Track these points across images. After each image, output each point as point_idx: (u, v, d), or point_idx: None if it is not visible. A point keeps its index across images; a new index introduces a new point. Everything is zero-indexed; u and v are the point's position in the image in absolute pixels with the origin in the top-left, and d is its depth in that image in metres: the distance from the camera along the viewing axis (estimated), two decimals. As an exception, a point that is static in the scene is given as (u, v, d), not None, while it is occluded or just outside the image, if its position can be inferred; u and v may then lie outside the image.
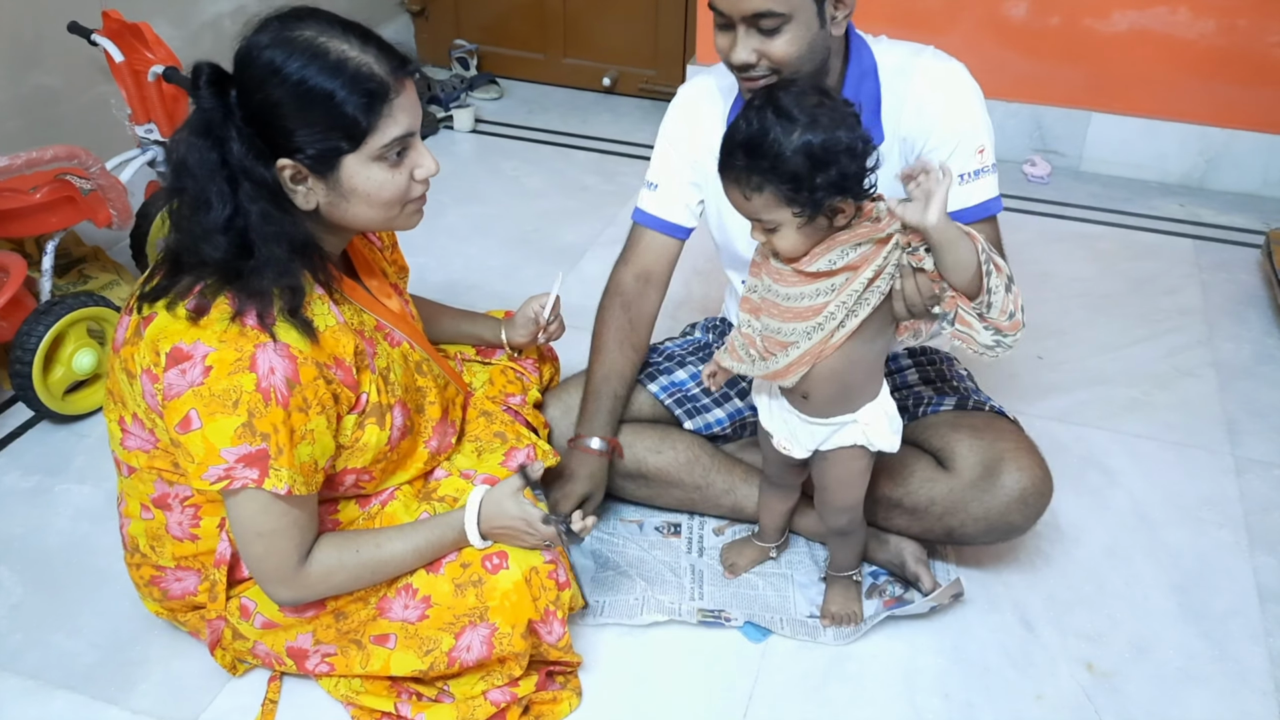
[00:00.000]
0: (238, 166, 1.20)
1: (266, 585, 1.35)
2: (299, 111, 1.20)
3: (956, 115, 1.52)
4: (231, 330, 1.21)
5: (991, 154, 1.54)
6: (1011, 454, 1.57)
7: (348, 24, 1.25)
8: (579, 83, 3.63)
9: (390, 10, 3.66)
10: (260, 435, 1.22)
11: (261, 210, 1.22)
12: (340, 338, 1.30)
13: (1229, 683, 1.56)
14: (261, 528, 1.29)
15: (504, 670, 1.42)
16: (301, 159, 1.22)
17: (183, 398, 1.22)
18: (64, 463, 1.94)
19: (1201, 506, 1.89)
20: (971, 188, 1.53)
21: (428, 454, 1.48)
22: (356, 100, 1.20)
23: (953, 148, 1.52)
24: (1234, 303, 2.50)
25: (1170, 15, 2.85)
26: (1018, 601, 1.68)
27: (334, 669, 1.44)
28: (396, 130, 1.24)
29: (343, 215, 1.29)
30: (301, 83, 1.19)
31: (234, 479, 1.23)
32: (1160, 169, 3.05)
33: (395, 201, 1.29)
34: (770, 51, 1.42)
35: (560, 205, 2.90)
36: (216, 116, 1.20)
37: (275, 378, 1.22)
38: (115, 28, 2.16)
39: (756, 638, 1.62)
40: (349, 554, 1.37)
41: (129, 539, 1.47)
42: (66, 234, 2.12)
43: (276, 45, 1.20)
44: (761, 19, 1.39)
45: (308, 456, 1.27)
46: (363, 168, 1.24)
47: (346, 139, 1.22)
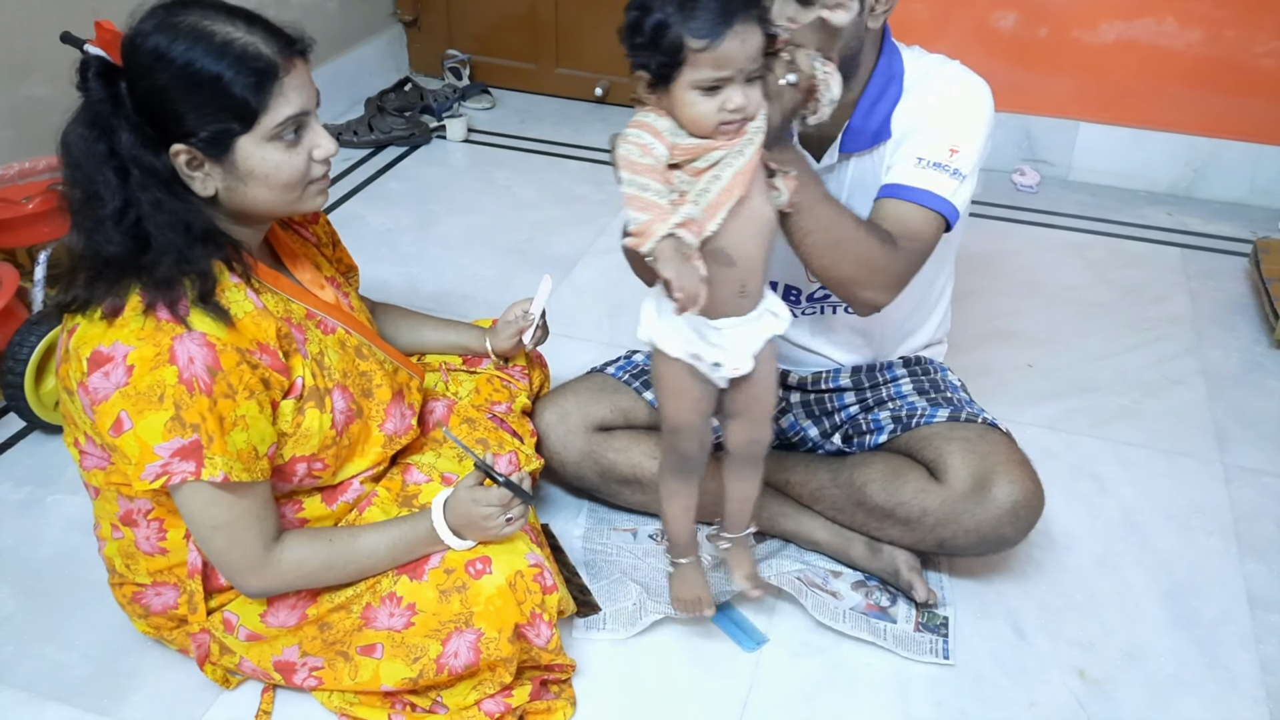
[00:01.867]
0: (127, 156, 1.21)
1: (235, 578, 1.35)
2: (187, 95, 1.20)
3: (947, 112, 1.52)
4: (148, 326, 1.21)
5: (965, 161, 1.48)
6: (1004, 467, 1.58)
7: (233, 8, 1.25)
8: (571, 93, 3.63)
9: (383, 20, 3.67)
10: (190, 426, 1.22)
11: (153, 199, 1.22)
12: (260, 322, 1.30)
13: (1220, 690, 1.57)
14: (215, 520, 1.29)
15: (494, 678, 1.41)
16: (194, 143, 1.22)
17: (110, 400, 1.22)
18: (56, 474, 1.94)
19: (1192, 514, 1.90)
20: (924, 172, 1.48)
21: (384, 437, 1.47)
22: (244, 80, 1.21)
23: (925, 132, 1.50)
24: (1222, 311, 2.52)
25: (1157, 26, 2.87)
26: (1010, 609, 1.69)
27: (322, 682, 1.43)
28: (289, 109, 1.25)
29: (243, 199, 1.28)
30: (187, 65, 1.19)
31: (171, 474, 1.23)
32: (1148, 178, 3.07)
33: (295, 183, 1.29)
34: (802, 19, 1.36)
35: (553, 215, 2.91)
36: (105, 108, 1.21)
37: (195, 367, 1.21)
38: (108, 38, 2.15)
39: (750, 646, 1.62)
40: (321, 543, 1.37)
41: (107, 560, 1.48)
42: (59, 244, 2.12)
43: (160, 31, 1.20)
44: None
45: (244, 443, 1.26)
46: (257, 149, 1.25)
47: (237, 120, 1.22)
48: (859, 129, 1.56)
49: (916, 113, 1.53)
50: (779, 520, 1.75)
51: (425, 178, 3.10)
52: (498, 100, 3.61)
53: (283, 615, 1.42)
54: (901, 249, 1.46)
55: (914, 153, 1.50)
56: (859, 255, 1.43)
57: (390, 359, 1.54)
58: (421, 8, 3.69)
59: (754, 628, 1.65)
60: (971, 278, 2.58)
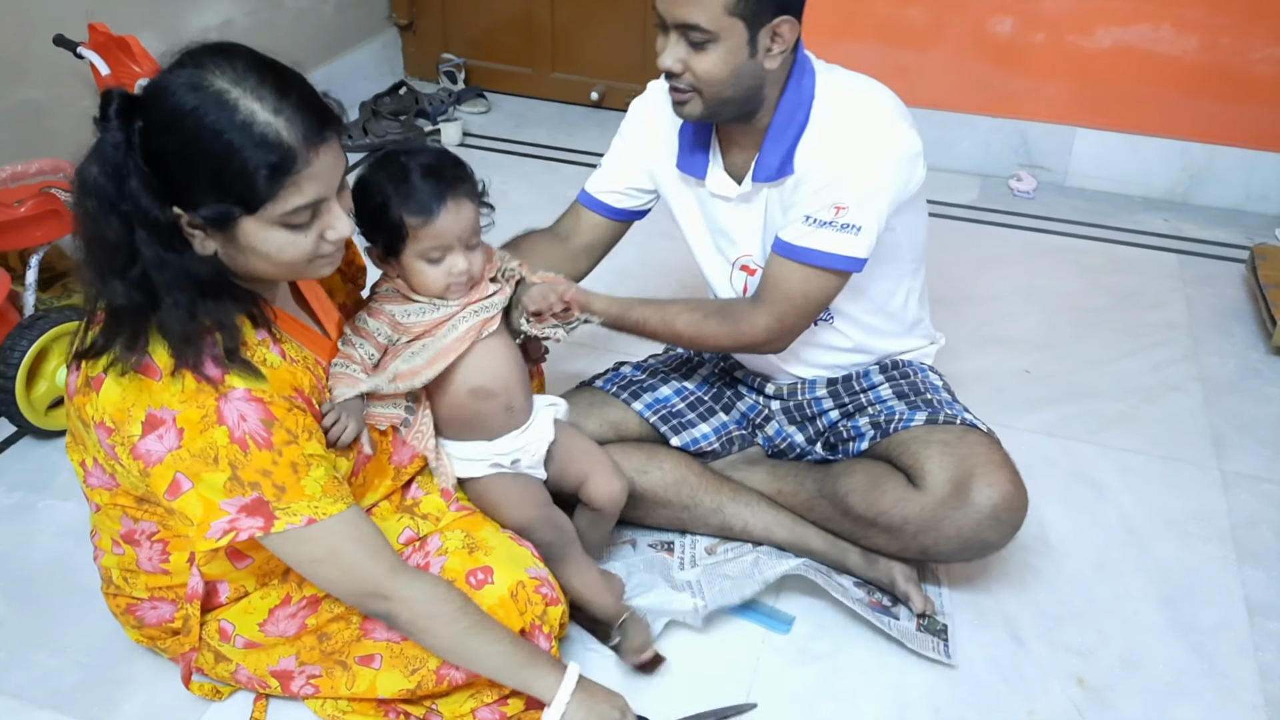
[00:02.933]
0: (132, 206, 1.12)
1: (360, 603, 1.30)
2: (194, 166, 1.12)
3: (843, 168, 1.50)
4: (188, 387, 1.17)
5: (857, 215, 1.50)
6: (982, 469, 1.56)
7: (266, 72, 1.14)
8: (567, 97, 3.63)
9: (378, 24, 3.66)
10: (249, 485, 1.19)
11: (156, 255, 1.14)
12: (293, 371, 1.28)
13: (1218, 697, 1.56)
14: (313, 554, 1.25)
15: (494, 688, 1.40)
16: (195, 214, 1.14)
17: (164, 463, 1.18)
18: (47, 479, 1.92)
19: (1189, 520, 1.89)
20: (811, 231, 1.52)
21: (394, 470, 1.47)
22: (254, 169, 1.11)
23: (818, 188, 1.52)
24: (1219, 317, 2.52)
25: (1153, 32, 2.88)
26: (1008, 616, 1.68)
27: (319, 691, 1.42)
28: (300, 200, 1.15)
29: (242, 267, 1.21)
30: (200, 137, 1.10)
31: (239, 530, 1.20)
32: (1144, 184, 3.07)
33: (299, 261, 1.21)
34: (693, 66, 1.46)
35: (548, 218, 2.87)
36: (119, 151, 1.11)
37: (248, 424, 1.18)
38: (101, 40, 2.15)
39: (784, 629, 1.64)
40: (455, 599, 1.31)
41: (103, 571, 1.46)
42: (51, 248, 2.10)
43: (187, 89, 1.11)
44: (690, 30, 1.43)
45: (324, 476, 1.24)
46: (260, 229, 1.16)
47: (240, 205, 1.13)
48: (767, 161, 1.57)
49: (815, 159, 1.53)
50: (775, 531, 1.74)
51: None
52: (493, 104, 3.61)
53: (283, 625, 1.41)
54: (777, 305, 1.57)
55: (803, 209, 1.52)
56: (716, 337, 1.61)
57: None
58: (417, 12, 3.68)
59: (781, 611, 1.67)
60: (968, 283, 2.58)
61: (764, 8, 1.43)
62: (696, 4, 1.41)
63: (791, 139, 1.55)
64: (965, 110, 3.09)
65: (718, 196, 1.67)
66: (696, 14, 1.42)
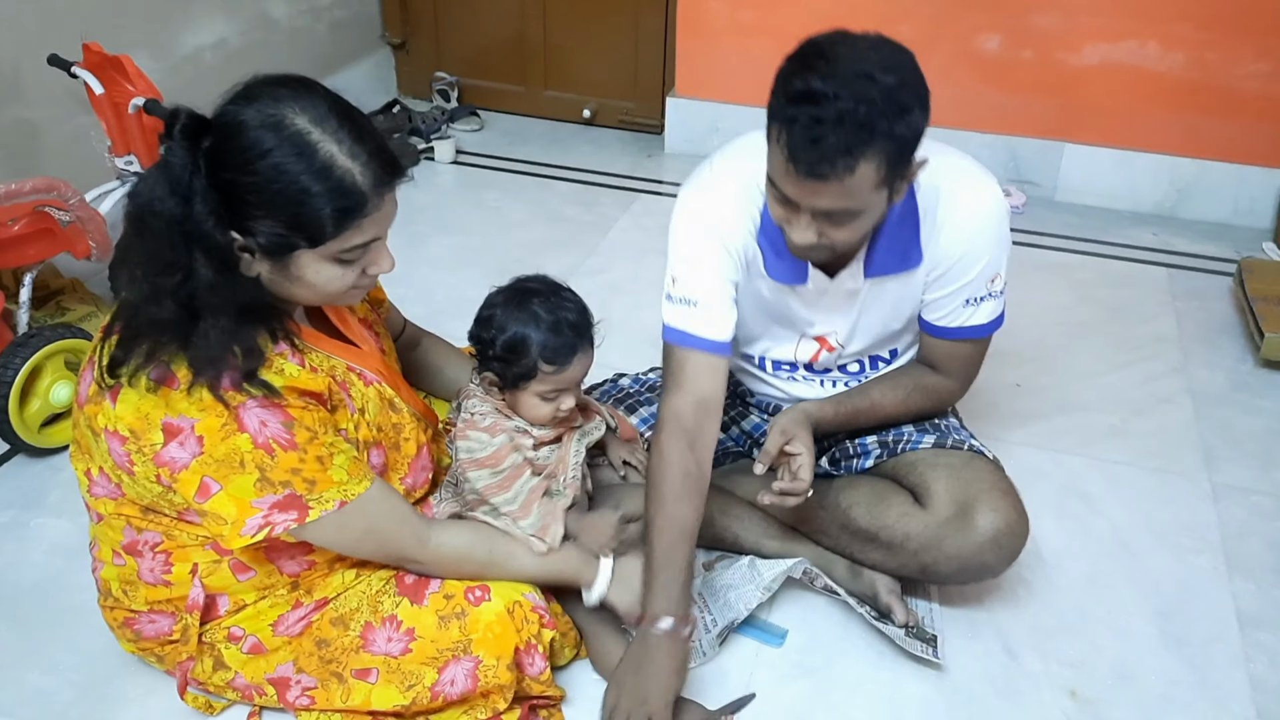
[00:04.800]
0: (197, 229, 1.15)
1: (400, 565, 1.42)
2: (267, 202, 1.16)
3: (982, 246, 1.52)
4: (207, 397, 1.19)
5: (1003, 279, 1.58)
6: (987, 495, 1.57)
7: (345, 114, 1.19)
8: (559, 114, 3.65)
9: (371, 43, 3.68)
10: (280, 484, 1.23)
11: (210, 278, 1.17)
12: (311, 380, 1.29)
13: (1211, 709, 1.56)
14: (353, 535, 1.33)
15: (488, 704, 1.40)
16: (253, 241, 1.18)
17: (190, 469, 1.21)
18: (39, 497, 1.92)
19: (1181, 533, 1.90)
20: (974, 310, 1.58)
21: (403, 490, 1.47)
22: (329, 211, 1.17)
23: (969, 271, 1.54)
24: (1208, 330, 2.53)
25: (1140, 48, 2.90)
26: (1001, 629, 1.69)
27: (314, 702, 1.42)
28: (360, 239, 1.21)
29: (281, 290, 1.26)
30: (278, 179, 1.14)
31: (274, 524, 1.24)
32: (1133, 199, 3.09)
33: (340, 292, 1.27)
34: (834, 236, 1.36)
35: (542, 236, 2.91)
36: (186, 172, 1.14)
37: (270, 430, 1.21)
38: (96, 60, 2.16)
39: (777, 642, 1.64)
40: (481, 549, 1.43)
41: (102, 583, 1.46)
42: (45, 266, 2.11)
43: (265, 127, 1.15)
44: (833, 214, 1.33)
45: (346, 461, 1.29)
46: (315, 263, 1.22)
47: (307, 240, 1.19)
48: (883, 256, 1.51)
49: (951, 245, 1.51)
50: (764, 543, 1.74)
51: (413, 199, 3.10)
52: (486, 122, 3.63)
53: (289, 623, 1.42)
54: (966, 375, 1.68)
55: (962, 295, 1.55)
56: (921, 409, 1.70)
57: (417, 410, 1.53)
58: (410, 31, 3.71)
59: (774, 625, 1.68)
60: (959, 298, 2.59)
61: (904, 162, 1.31)
62: (845, 194, 1.28)
63: (911, 230, 1.50)
64: (954, 126, 3.10)
65: (809, 288, 1.57)
66: (845, 202, 1.30)
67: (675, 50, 3.33)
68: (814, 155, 1.24)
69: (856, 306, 1.60)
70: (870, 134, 1.23)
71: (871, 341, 1.66)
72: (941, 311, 1.59)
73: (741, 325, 1.59)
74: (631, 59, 3.48)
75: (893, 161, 1.28)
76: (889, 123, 1.23)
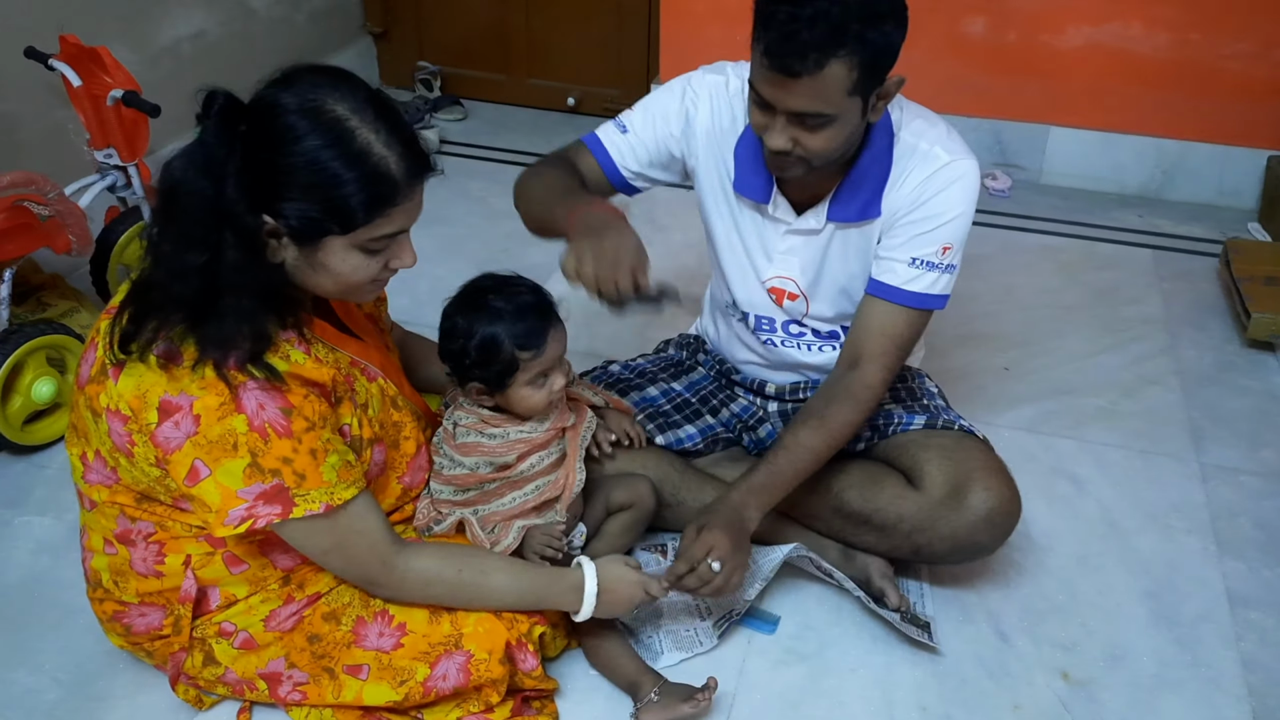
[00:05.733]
0: (229, 209, 1.15)
1: (365, 589, 1.38)
2: (303, 186, 1.17)
3: (943, 210, 1.52)
4: (209, 375, 1.19)
5: (956, 254, 1.55)
6: (979, 474, 1.58)
7: (382, 106, 1.21)
8: (543, 103, 3.63)
9: (352, 33, 3.65)
10: (269, 472, 1.21)
11: (238, 259, 1.17)
12: (316, 369, 1.28)
13: (1202, 688, 1.57)
14: (323, 545, 1.30)
15: (481, 698, 1.40)
16: (285, 224, 1.19)
17: (183, 450, 1.20)
18: (23, 495, 1.90)
19: (1170, 513, 1.90)
20: (918, 274, 1.54)
21: (400, 489, 1.47)
22: (363, 197, 1.18)
23: (921, 230, 1.53)
24: (1195, 311, 2.54)
25: (1124, 30, 2.90)
26: (992, 612, 1.69)
27: (306, 698, 1.41)
28: (390, 229, 1.23)
29: (304, 279, 1.26)
30: (316, 162, 1.16)
31: (257, 517, 1.22)
32: (1119, 181, 3.10)
33: (361, 284, 1.28)
34: (806, 143, 1.41)
35: (526, 225, 2.89)
36: (221, 152, 1.15)
37: (267, 413, 1.21)
38: (73, 52, 2.13)
39: (770, 630, 1.64)
40: (450, 570, 1.38)
41: (92, 573, 1.44)
42: (24, 261, 2.08)
43: (304, 113, 1.16)
44: (806, 117, 1.38)
45: (338, 461, 1.27)
46: (343, 250, 1.22)
47: (340, 225, 1.20)
48: (847, 200, 1.56)
49: (912, 203, 1.53)
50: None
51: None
52: (469, 111, 3.60)
53: (281, 618, 1.41)
54: (887, 355, 1.57)
55: (909, 251, 1.54)
56: (851, 425, 1.58)
57: (418, 408, 1.52)
58: (391, 20, 3.68)
59: (766, 612, 1.68)
60: (946, 282, 2.59)
61: (878, 74, 1.39)
62: (818, 95, 1.35)
63: (877, 181, 1.54)
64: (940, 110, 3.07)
65: (773, 220, 1.64)
66: (817, 104, 1.36)
67: (659, 37, 3.31)
68: (787, 50, 1.31)
69: (817, 253, 1.62)
70: (843, 35, 1.31)
71: (835, 299, 1.67)
72: (885, 266, 1.56)
73: (715, 261, 1.75)
74: (615, 46, 3.46)
75: (866, 69, 1.35)
76: (862, 26, 1.32)
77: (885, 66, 1.39)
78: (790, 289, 1.69)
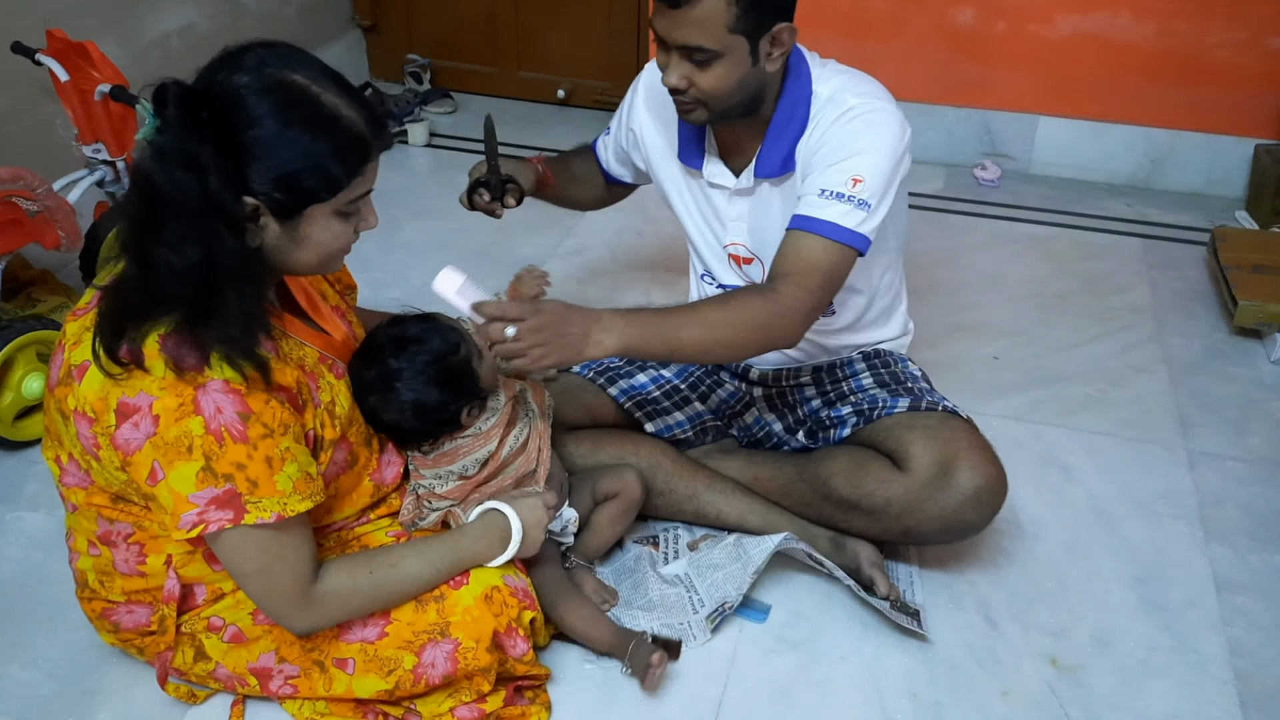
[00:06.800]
0: (216, 199, 1.13)
1: (279, 620, 1.32)
2: (284, 160, 1.16)
3: (849, 143, 1.52)
4: (169, 375, 1.18)
5: (868, 191, 1.50)
6: (965, 453, 1.59)
7: (331, 71, 1.22)
8: (533, 95, 3.63)
9: (341, 26, 3.64)
10: (222, 476, 1.19)
11: (233, 249, 1.16)
12: (282, 368, 1.28)
13: (1190, 673, 1.58)
14: (247, 566, 1.26)
15: (472, 686, 1.40)
16: (267, 201, 1.18)
17: (143, 451, 1.19)
18: (15, 490, 1.90)
19: (1158, 500, 1.92)
20: (826, 204, 1.51)
21: (372, 486, 1.46)
22: (343, 159, 1.20)
23: (828, 164, 1.52)
24: (1182, 299, 2.55)
25: (1112, 20, 2.91)
26: (981, 599, 1.70)
27: (297, 691, 1.41)
28: (364, 187, 1.25)
29: (283, 258, 1.25)
30: (292, 133, 1.16)
31: (208, 522, 1.20)
32: (1107, 170, 3.11)
33: (337, 253, 1.29)
34: (698, 82, 1.49)
35: (518, 217, 2.85)
36: (193, 145, 1.12)
37: (224, 416, 1.19)
38: (60, 47, 2.12)
39: (761, 619, 1.65)
40: (362, 575, 1.34)
41: (79, 574, 1.45)
42: (14, 257, 2.08)
43: (266, 91, 1.15)
44: (692, 50, 1.46)
45: (296, 472, 1.25)
46: (325, 219, 1.23)
47: (326, 190, 1.20)
48: (769, 157, 1.61)
49: (819, 143, 1.55)
50: (748, 518, 1.75)
51: (388, 183, 3.01)
52: (459, 104, 3.60)
53: None
54: (803, 275, 1.50)
55: (817, 184, 1.53)
56: (754, 315, 1.48)
57: None
58: (380, 13, 3.67)
59: (757, 600, 1.68)
60: (935, 272, 2.60)
61: (763, 19, 1.45)
62: (698, 26, 1.43)
63: (793, 135, 1.58)
64: (929, 100, 3.11)
65: (714, 186, 1.70)
66: (698, 36, 1.44)
67: (649, 29, 3.31)
68: None
69: (758, 213, 1.68)
70: None
71: None
72: (800, 204, 1.55)
73: (687, 234, 1.83)
74: (605, 38, 3.45)
75: (745, 5, 1.42)
76: None
77: (770, 8, 1.45)
78: (742, 253, 1.73)
